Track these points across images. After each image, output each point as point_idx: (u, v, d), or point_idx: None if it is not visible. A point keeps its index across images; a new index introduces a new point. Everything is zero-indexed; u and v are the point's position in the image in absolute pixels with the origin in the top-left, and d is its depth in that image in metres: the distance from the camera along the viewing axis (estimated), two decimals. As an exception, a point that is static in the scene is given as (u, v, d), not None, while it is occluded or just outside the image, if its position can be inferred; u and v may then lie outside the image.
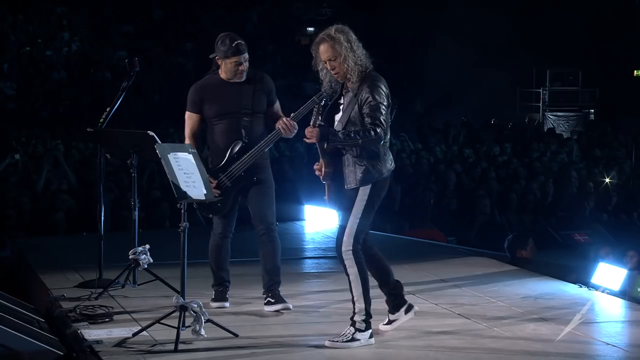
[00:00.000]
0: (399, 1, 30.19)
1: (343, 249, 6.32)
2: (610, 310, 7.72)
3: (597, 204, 13.70)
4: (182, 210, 6.62)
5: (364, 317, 6.32)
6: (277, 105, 7.48)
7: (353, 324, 6.33)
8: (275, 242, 7.34)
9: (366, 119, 6.16)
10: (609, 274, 8.15)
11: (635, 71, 32.43)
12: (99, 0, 32.35)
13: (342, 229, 6.37)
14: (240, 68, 7.14)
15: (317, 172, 6.43)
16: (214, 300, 7.43)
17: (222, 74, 7.25)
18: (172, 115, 21.21)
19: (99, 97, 22.87)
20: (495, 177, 15.16)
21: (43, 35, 29.92)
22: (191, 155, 6.75)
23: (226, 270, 7.50)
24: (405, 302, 6.68)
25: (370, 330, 6.36)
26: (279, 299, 7.27)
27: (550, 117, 29.44)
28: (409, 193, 13.94)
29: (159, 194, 11.99)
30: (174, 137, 16.23)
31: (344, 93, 6.42)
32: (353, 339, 6.27)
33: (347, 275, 6.37)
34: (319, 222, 11.37)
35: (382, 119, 6.17)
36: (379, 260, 6.67)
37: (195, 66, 28.26)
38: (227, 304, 7.42)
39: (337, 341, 6.29)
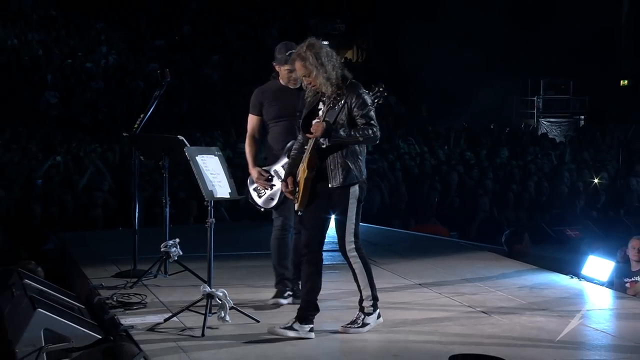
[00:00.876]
0: (404, 15, 30.23)
1: (347, 247, 6.27)
2: (599, 300, 7.69)
3: (587, 202, 13.67)
4: (209, 208, 6.63)
5: (371, 302, 6.32)
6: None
7: (362, 309, 6.32)
8: None
9: (360, 120, 6.11)
10: (598, 266, 8.14)
11: (621, 81, 32.41)
12: (134, 16, 32.45)
13: (340, 230, 6.28)
14: (292, 75, 6.94)
15: (287, 194, 6.38)
16: (273, 296, 7.17)
17: (280, 79, 7.15)
18: (199, 121, 21.26)
19: (133, 105, 22.91)
20: (494, 177, 15.14)
21: (83, 49, 30.01)
22: (217, 157, 6.77)
23: (286, 267, 7.17)
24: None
25: (377, 311, 6.35)
26: (280, 294, 7.14)
27: (544, 122, 29.38)
28: (415, 192, 13.93)
29: (185, 194, 12.01)
30: (201, 141, 16.27)
31: (322, 101, 6.28)
32: (364, 324, 6.27)
33: (353, 269, 6.34)
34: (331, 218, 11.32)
35: (375, 120, 6.17)
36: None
37: (221, 77, 28.34)
38: (283, 301, 7.13)
39: (351, 327, 6.27)
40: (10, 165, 14.46)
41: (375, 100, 6.58)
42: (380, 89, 6.65)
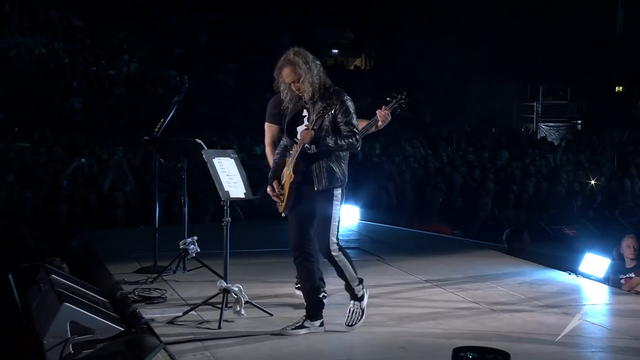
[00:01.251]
0: (410, 26, 30.23)
1: (331, 248, 6.16)
2: (595, 295, 7.69)
3: (584, 202, 13.65)
4: (225, 207, 6.65)
5: (361, 286, 6.31)
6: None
7: (354, 297, 6.29)
8: None
9: (344, 127, 6.03)
10: (594, 263, 8.13)
11: (616, 87, 32.38)
12: (153, 27, 32.55)
13: (324, 231, 6.18)
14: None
15: (274, 197, 6.27)
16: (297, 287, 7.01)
17: None
18: (215, 125, 21.29)
19: (153, 110, 22.94)
20: (495, 178, 15.13)
21: (106, 57, 30.11)
22: (233, 160, 6.77)
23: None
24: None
25: (363, 287, 6.34)
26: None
27: (543, 127, 29.32)
28: (419, 192, 13.93)
29: (202, 194, 12.04)
30: (217, 144, 16.27)
31: (305, 107, 6.19)
32: (362, 312, 6.28)
33: (338, 266, 6.25)
34: (342, 217, 11.28)
35: (357, 128, 6.14)
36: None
37: (236, 83, 28.37)
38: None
39: (353, 320, 6.25)
40: (37, 167, 14.51)
41: (397, 106, 6.62)
42: (402, 96, 6.64)
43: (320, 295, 6.40)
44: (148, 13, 33.41)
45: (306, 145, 5.97)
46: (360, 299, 6.28)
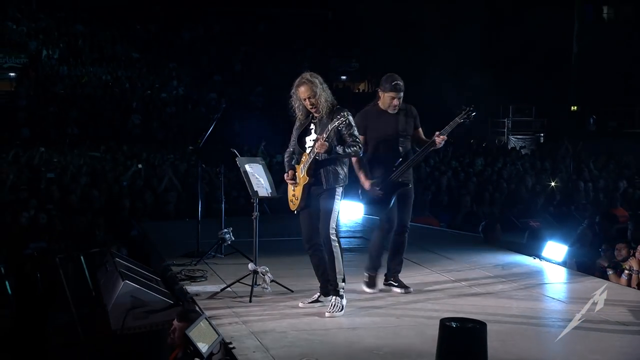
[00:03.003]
0: (405, 56, 30.27)
1: (330, 232, 5.99)
2: (554, 275, 7.66)
3: (546, 200, 13.58)
4: (255, 204, 6.64)
5: (343, 285, 6.08)
6: (420, 129, 6.83)
7: (336, 293, 6.04)
8: (405, 240, 6.85)
9: (349, 138, 5.93)
10: (554, 249, 8.10)
11: (572, 107, 32.34)
12: (197, 58, 32.68)
13: (326, 219, 6.00)
14: (393, 102, 6.57)
15: (290, 181, 6.11)
16: (367, 285, 6.77)
17: (380, 104, 6.64)
18: (246, 138, 21.29)
19: (197, 125, 23.00)
20: (474, 181, 15.08)
21: (159, 83, 30.29)
22: (260, 165, 6.78)
23: (379, 259, 6.79)
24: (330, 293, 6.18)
25: (344, 288, 6.09)
26: (401, 284, 6.78)
27: (512, 139, 29.27)
28: (414, 191, 13.89)
29: (236, 193, 12.05)
30: (248, 152, 16.26)
31: (313, 121, 6.07)
32: (342, 307, 6.02)
33: (332, 253, 6.02)
34: (348, 212, 11.22)
35: (359, 138, 6.03)
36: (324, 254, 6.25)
37: (263, 103, 28.42)
38: (376, 290, 6.76)
39: (334, 312, 5.96)
40: (104, 172, 14.58)
41: (466, 117, 6.52)
42: (470, 109, 6.52)
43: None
44: (193, 47, 33.58)
45: (319, 153, 5.89)
46: (342, 296, 6.05)
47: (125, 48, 32.79)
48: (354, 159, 6.45)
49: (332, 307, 5.98)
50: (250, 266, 6.52)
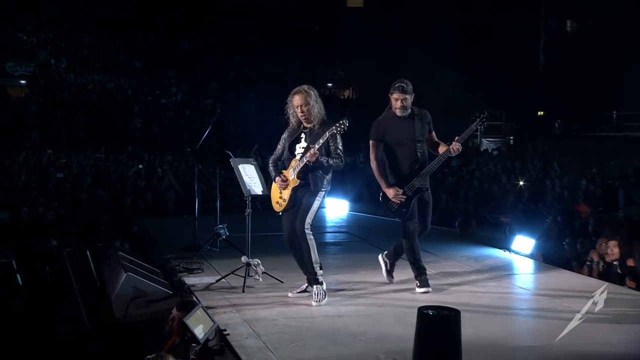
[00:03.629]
0: (384, 66, 30.34)
1: (305, 226, 5.91)
2: (523, 266, 7.69)
3: (515, 198, 13.65)
4: (247, 201, 6.64)
5: (321, 272, 6.02)
6: (434, 133, 6.51)
7: (316, 281, 5.99)
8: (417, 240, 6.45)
9: (333, 151, 5.87)
10: (523, 243, 8.13)
11: (539, 112, 32.54)
12: (195, 67, 32.65)
13: (304, 214, 5.92)
14: (397, 104, 6.25)
15: (281, 183, 6.02)
16: (420, 286, 6.36)
17: (392, 109, 6.36)
18: (240, 140, 21.26)
19: (194, 129, 22.95)
20: (450, 180, 15.13)
21: (159, 89, 30.23)
22: (253, 165, 6.78)
23: (421, 260, 6.44)
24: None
25: (321, 270, 6.04)
26: (424, 284, 6.38)
27: (485, 141, 29.38)
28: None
29: (231, 191, 12.02)
30: (242, 154, 16.24)
31: (304, 131, 6.01)
32: (325, 293, 5.99)
33: (308, 245, 5.94)
34: (334, 209, 11.23)
35: (343, 152, 5.92)
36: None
37: (256, 109, 28.38)
38: (430, 289, 6.34)
39: (319, 299, 5.93)
40: (108, 172, 14.54)
41: (481, 124, 6.20)
42: (484, 115, 6.24)
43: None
44: (190, 57, 33.55)
45: (309, 160, 5.84)
46: (321, 283, 5.99)
47: (127, 58, 32.78)
48: (373, 165, 6.30)
49: (316, 297, 5.97)
50: (244, 259, 6.51)
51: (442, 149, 6.39)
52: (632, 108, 29.73)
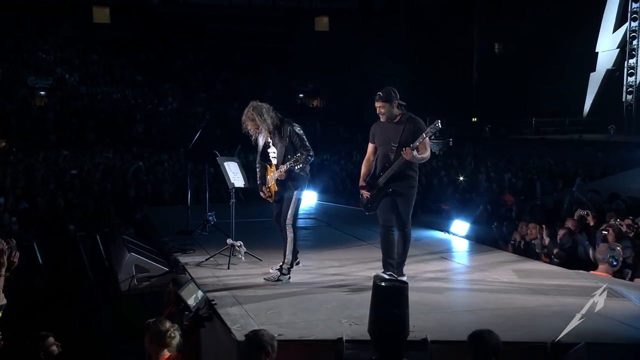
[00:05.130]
0: (347, 81, 30.33)
1: (287, 222, 5.77)
2: (460, 245, 7.74)
3: (453, 189, 13.74)
4: (232, 192, 6.59)
5: (289, 267, 5.80)
6: (422, 141, 5.54)
7: (280, 269, 5.77)
8: (398, 237, 5.74)
9: (300, 147, 5.62)
10: (460, 225, 8.18)
11: (473, 118, 32.79)
12: (188, 80, 32.44)
13: (285, 212, 5.79)
14: (377, 110, 5.70)
15: (266, 198, 5.88)
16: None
17: None
18: (226, 142, 21.15)
19: (188, 132, 22.78)
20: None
21: (157, 99, 29.98)
22: (236, 163, 6.73)
23: (392, 257, 5.67)
24: (297, 258, 5.96)
25: (289, 275, 5.79)
26: (400, 273, 5.72)
27: (430, 143, 29.62)
28: (355, 183, 13.85)
29: (218, 184, 11.94)
30: (227, 154, 16.16)
31: (270, 137, 5.77)
32: (278, 279, 5.74)
33: (286, 237, 5.79)
34: (305, 199, 11.14)
35: (308, 145, 5.66)
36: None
37: (239, 115, 28.20)
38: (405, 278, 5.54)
39: (269, 279, 5.75)
40: (114, 169, 14.37)
41: (433, 132, 5.47)
42: (436, 124, 5.51)
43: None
44: (184, 72, 33.31)
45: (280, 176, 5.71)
46: (283, 274, 5.73)
47: (131, 72, 32.46)
48: (364, 163, 5.81)
49: (270, 276, 5.78)
50: (229, 241, 6.47)
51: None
52: (547, 115, 30.16)
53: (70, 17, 33.34)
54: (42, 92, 29.68)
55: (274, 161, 5.88)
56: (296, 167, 5.67)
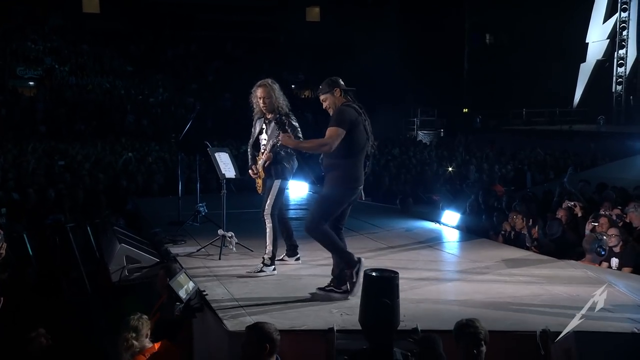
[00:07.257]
0: (338, 71, 30.32)
1: (265, 211, 5.69)
2: (450, 235, 7.78)
3: (444, 180, 13.79)
4: (223, 183, 6.58)
5: (270, 257, 5.69)
6: (330, 128, 5.03)
7: (263, 260, 5.70)
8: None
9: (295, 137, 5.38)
10: (450, 216, 8.21)
11: (464, 109, 32.84)
12: (178, 71, 32.31)
13: (264, 202, 5.71)
14: (323, 104, 5.28)
15: (253, 176, 5.78)
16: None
17: None
18: (217, 133, 21.10)
19: (178, 123, 22.71)
20: (392, 165, 15.22)
21: (148, 90, 29.88)
22: (227, 154, 6.70)
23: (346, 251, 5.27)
24: (297, 253, 6.09)
25: (274, 266, 5.71)
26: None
27: (420, 133, 29.58)
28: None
29: (209, 175, 11.91)
30: (218, 145, 16.14)
31: (266, 122, 5.67)
32: (261, 270, 5.65)
33: (266, 229, 5.71)
34: (297, 190, 11.13)
35: (302, 137, 5.52)
36: (287, 223, 6.10)
37: (230, 106, 28.14)
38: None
39: (251, 271, 5.67)
40: (105, 159, 14.29)
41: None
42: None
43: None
44: (175, 62, 33.15)
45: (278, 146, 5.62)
46: (265, 265, 5.64)
47: (121, 63, 32.28)
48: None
49: (254, 268, 5.69)
50: (220, 232, 6.46)
51: None
52: (538, 106, 30.26)
53: (59, 7, 33.06)
54: (31, 83, 29.51)
55: (263, 149, 5.83)
56: (282, 152, 5.63)
